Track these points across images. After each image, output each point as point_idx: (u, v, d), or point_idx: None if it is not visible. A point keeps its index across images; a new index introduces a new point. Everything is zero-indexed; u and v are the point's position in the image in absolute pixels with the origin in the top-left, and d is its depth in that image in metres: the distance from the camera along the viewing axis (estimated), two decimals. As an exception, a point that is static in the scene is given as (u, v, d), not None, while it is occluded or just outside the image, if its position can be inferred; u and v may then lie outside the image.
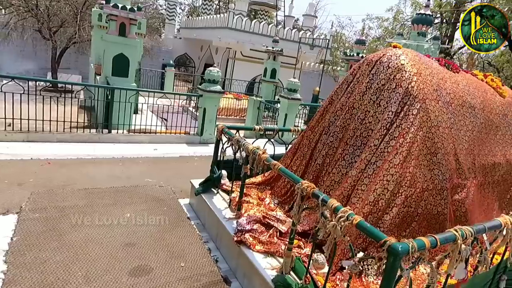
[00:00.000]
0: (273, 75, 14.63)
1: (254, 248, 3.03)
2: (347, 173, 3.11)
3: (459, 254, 2.13)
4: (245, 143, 3.39)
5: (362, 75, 3.30)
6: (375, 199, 2.77)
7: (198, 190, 4.08)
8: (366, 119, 3.10)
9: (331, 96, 3.58)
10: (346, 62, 11.97)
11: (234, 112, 11.56)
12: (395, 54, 3.11)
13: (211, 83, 7.04)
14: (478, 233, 2.25)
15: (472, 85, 3.68)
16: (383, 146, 2.88)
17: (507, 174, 4.28)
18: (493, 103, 3.91)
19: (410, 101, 2.89)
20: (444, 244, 2.03)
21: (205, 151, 6.91)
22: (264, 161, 3.03)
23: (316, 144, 3.54)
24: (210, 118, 7.21)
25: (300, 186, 2.48)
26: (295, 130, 4.79)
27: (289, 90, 8.10)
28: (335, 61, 22.83)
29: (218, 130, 3.98)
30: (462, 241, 2.10)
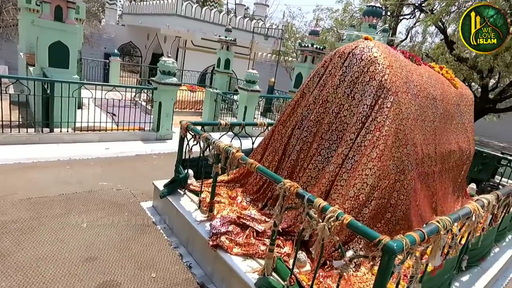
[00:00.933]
0: (227, 66, 14.32)
1: (232, 251, 2.86)
2: (323, 169, 3.05)
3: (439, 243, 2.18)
4: (215, 141, 3.17)
5: (334, 67, 3.24)
6: (356, 194, 2.75)
7: (163, 192, 3.78)
8: (341, 113, 3.05)
9: (302, 89, 3.48)
10: (301, 53, 12.06)
11: (189, 105, 11.12)
12: (367, 47, 3.09)
13: (166, 75, 6.61)
14: (455, 221, 2.32)
15: (432, 77, 3.82)
16: (359, 140, 2.86)
17: (459, 160, 4.58)
18: (449, 94, 4.12)
19: (384, 94, 2.89)
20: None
21: (164, 148, 6.51)
22: (238, 160, 2.85)
23: (289, 139, 3.44)
24: (166, 113, 6.80)
25: (283, 186, 2.36)
26: (261, 124, 4.65)
27: (248, 81, 7.93)
28: (286, 51, 23.03)
29: (183, 127, 3.71)
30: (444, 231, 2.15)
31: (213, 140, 3.19)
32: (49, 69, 6.23)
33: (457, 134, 4.40)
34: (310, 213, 2.22)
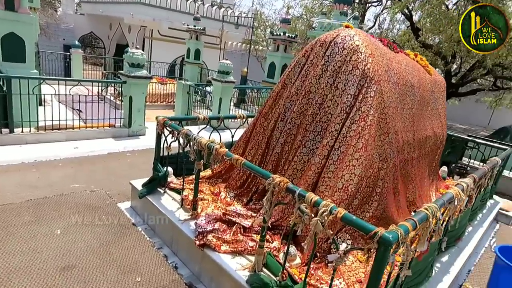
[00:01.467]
0: (197, 56, 13.97)
1: (220, 249, 2.78)
2: (309, 160, 3.02)
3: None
4: (196, 137, 3.04)
5: (316, 57, 3.18)
6: (344, 186, 2.74)
7: (142, 192, 3.61)
8: (324, 103, 3.01)
9: (284, 80, 3.41)
10: (273, 42, 11.94)
11: (160, 98, 10.75)
12: (349, 35, 3.05)
13: (136, 68, 6.29)
14: (441, 207, 2.37)
15: (409, 64, 3.87)
16: (345, 131, 2.84)
17: (434, 145, 4.73)
18: (424, 81, 4.21)
19: (367, 83, 2.88)
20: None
21: (137, 144, 6.25)
22: (223, 156, 2.75)
23: (272, 132, 3.37)
24: (138, 107, 6.50)
25: (272, 181, 2.29)
26: (240, 116, 4.55)
27: (222, 72, 7.74)
28: (257, 40, 22.81)
29: (159, 123, 3.53)
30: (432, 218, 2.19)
31: (194, 136, 3.06)
32: (4, 64, 5.72)
33: (432, 120, 4.53)
34: (302, 207, 2.17)
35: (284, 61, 11.91)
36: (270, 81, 12.00)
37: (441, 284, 2.84)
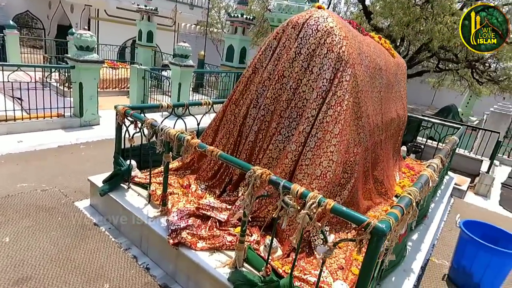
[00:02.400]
0: (149, 39, 13.18)
1: (196, 247, 2.62)
2: (285, 148, 2.91)
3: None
4: (164, 127, 2.79)
5: (288, 39, 3.03)
6: (323, 173, 2.67)
7: (103, 189, 3.29)
8: (299, 88, 2.90)
9: (254, 64, 3.23)
10: (231, 24, 11.56)
11: (112, 83, 10.01)
12: (322, 16, 2.93)
13: (85, 51, 5.70)
14: (420, 190, 2.39)
15: (377, 47, 3.87)
16: (321, 116, 2.76)
17: (397, 127, 4.87)
18: (389, 63, 4.25)
19: (343, 66, 2.80)
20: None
21: (92, 135, 5.74)
22: (195, 147, 2.54)
23: (245, 119, 3.20)
24: (90, 95, 5.94)
25: (253, 174, 2.15)
26: (206, 103, 4.30)
27: (180, 56, 7.31)
28: (211, 22, 22.05)
29: (120, 113, 3.20)
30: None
31: (161, 126, 2.80)
32: None
33: (396, 102, 4.63)
34: (286, 200, 2.06)
35: (242, 44, 11.62)
36: (229, 65, 11.69)
37: (415, 262, 2.94)
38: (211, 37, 22.89)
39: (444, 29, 13.12)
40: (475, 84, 15.93)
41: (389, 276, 2.61)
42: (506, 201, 6.28)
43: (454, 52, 15.07)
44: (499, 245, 3.05)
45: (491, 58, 15.40)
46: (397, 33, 13.34)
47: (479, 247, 2.96)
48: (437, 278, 3.34)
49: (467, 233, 3.10)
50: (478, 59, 15.93)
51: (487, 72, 15.79)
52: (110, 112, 7.51)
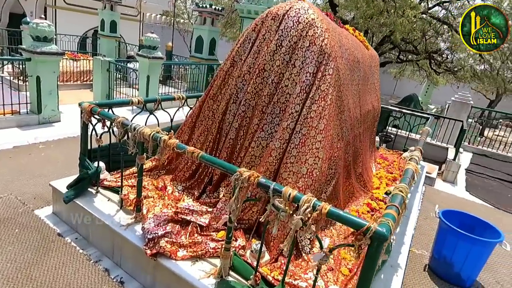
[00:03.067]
0: (113, 29, 12.46)
1: (177, 256, 2.42)
2: (268, 146, 2.76)
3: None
4: (137, 126, 2.54)
5: (268, 31, 2.86)
6: (309, 171, 2.56)
7: (68, 196, 2.98)
8: (281, 83, 2.75)
9: (232, 57, 3.03)
10: (199, 15, 11.15)
11: (73, 76, 9.35)
12: (303, 8, 2.78)
13: (42, 42, 5.19)
14: (409, 185, 2.35)
15: (353, 40, 3.80)
16: (305, 112, 2.63)
17: (373, 118, 4.88)
18: (365, 55, 4.21)
19: (325, 60, 2.68)
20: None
21: (52, 134, 5.28)
22: (173, 148, 2.33)
23: (224, 116, 3.01)
24: (49, 89, 5.45)
25: (240, 177, 1.99)
26: (179, 97, 4.05)
27: (148, 47, 6.91)
28: (177, 13, 21.31)
29: (85, 111, 2.90)
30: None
31: (134, 125, 2.55)
32: None
33: (371, 94, 4.62)
34: (276, 204, 1.92)
35: (212, 35, 11.29)
36: (199, 56, 11.33)
37: (400, 256, 2.93)
38: (178, 28, 22.16)
39: (405, 22, 13.53)
40: (433, 74, 16.65)
41: (378, 274, 2.57)
42: (471, 186, 6.57)
43: (414, 44, 15.65)
44: (475, 232, 3.12)
45: (447, 49, 16.19)
46: (361, 26, 13.57)
47: (460, 237, 3.00)
48: (419, 269, 3.38)
49: (447, 223, 3.14)
50: (436, 50, 16.66)
51: (444, 63, 16.55)
52: (72, 107, 6.99)
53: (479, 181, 6.99)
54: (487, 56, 15.55)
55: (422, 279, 3.22)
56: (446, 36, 16.16)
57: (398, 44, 14.87)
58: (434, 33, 16.59)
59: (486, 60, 15.83)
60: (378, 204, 3.79)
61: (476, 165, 8.08)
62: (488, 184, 6.92)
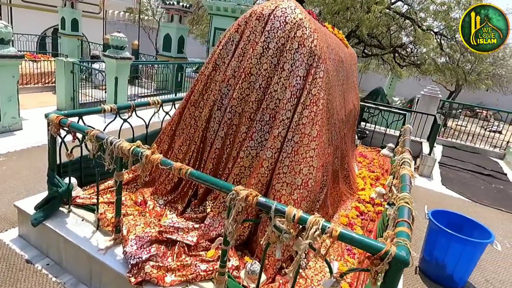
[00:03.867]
0: (75, 27, 11.74)
1: (164, 282, 2.20)
2: (258, 155, 2.59)
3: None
4: (114, 140, 2.28)
5: (253, 32, 2.67)
6: (304, 181, 2.42)
7: (37, 218, 2.66)
8: (270, 87, 2.58)
9: (215, 60, 2.82)
10: (167, 12, 10.71)
11: (33, 78, 8.67)
12: (289, 7, 2.62)
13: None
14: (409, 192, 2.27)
15: (335, 38, 3.71)
16: (297, 118, 2.48)
17: (354, 117, 4.84)
18: (346, 54, 4.14)
19: (316, 62, 2.54)
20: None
21: (14, 144, 4.80)
22: (158, 164, 2.10)
23: (208, 123, 2.80)
24: (8, 96, 4.94)
25: (236, 196, 1.81)
26: (155, 102, 3.78)
27: (115, 47, 6.48)
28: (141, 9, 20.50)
29: (53, 123, 2.59)
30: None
31: (110, 139, 2.29)
32: None
33: (351, 93, 4.57)
34: (278, 225, 1.77)
35: (180, 33, 10.92)
36: (167, 55, 10.93)
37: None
38: (142, 25, 21.35)
39: (372, 17, 13.83)
40: (397, 68, 17.22)
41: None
42: (446, 180, 6.75)
43: (379, 39, 16.12)
44: (464, 232, 3.13)
45: (411, 43, 16.82)
46: (329, 21, 13.71)
47: (452, 239, 3.00)
48: (410, 271, 3.35)
49: (438, 225, 3.12)
50: (401, 45, 17.23)
51: (409, 56, 17.17)
52: (35, 112, 6.47)
53: (453, 174, 7.20)
54: (447, 49, 16.29)
55: (415, 283, 3.20)
56: (409, 31, 16.72)
57: (364, 39, 15.19)
58: (398, 28, 17.10)
59: (447, 53, 16.57)
60: (366, 207, 3.74)
61: (448, 158, 8.34)
62: (461, 176, 7.15)
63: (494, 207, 5.75)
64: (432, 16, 15.22)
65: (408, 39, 17.02)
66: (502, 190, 6.92)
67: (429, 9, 15.32)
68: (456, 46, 16.26)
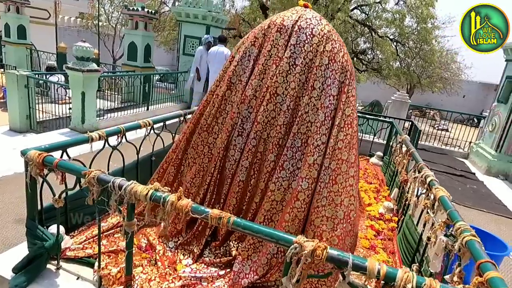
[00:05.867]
0: (21, 35, 10.61)
1: None
2: (290, 187, 2.27)
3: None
4: (123, 183, 1.84)
5: (275, 46, 2.36)
6: (346, 214, 2.14)
7: (18, 285, 2.10)
8: (301, 109, 2.28)
9: (229, 78, 2.46)
10: (130, 18, 10.01)
11: (-24, 95, 7.60)
12: (314, 17, 2.34)
13: None
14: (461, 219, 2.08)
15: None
16: (333, 142, 2.21)
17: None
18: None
19: (348, 79, 2.29)
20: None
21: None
22: (188, 212, 1.70)
23: (227, 152, 2.42)
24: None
25: (300, 250, 1.48)
26: (146, 124, 3.31)
27: (80, 58, 5.80)
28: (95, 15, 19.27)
29: (35, 163, 2.07)
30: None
31: (120, 183, 1.84)
32: None
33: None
34: (354, 281, 1.47)
35: (146, 41, 10.28)
36: (133, 64, 10.23)
37: None
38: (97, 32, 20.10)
39: (337, 23, 14.18)
40: (356, 73, 17.90)
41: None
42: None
43: (342, 45, 16.65)
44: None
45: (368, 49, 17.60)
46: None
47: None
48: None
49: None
50: (362, 51, 17.93)
51: (371, 63, 17.92)
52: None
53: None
54: (401, 55, 17.23)
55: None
56: (366, 37, 17.46)
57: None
58: (358, 35, 17.77)
59: (402, 59, 17.53)
60: (380, 225, 3.57)
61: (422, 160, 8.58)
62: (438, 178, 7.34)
63: (476, 208, 5.92)
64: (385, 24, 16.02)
65: (366, 45, 17.73)
66: (476, 190, 7.20)
67: (382, 17, 16.08)
68: (410, 52, 17.27)
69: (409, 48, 17.00)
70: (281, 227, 2.18)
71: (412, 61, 17.66)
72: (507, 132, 7.85)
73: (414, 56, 17.10)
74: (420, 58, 17.31)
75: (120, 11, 15.94)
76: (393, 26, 15.76)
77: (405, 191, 3.91)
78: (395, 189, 4.23)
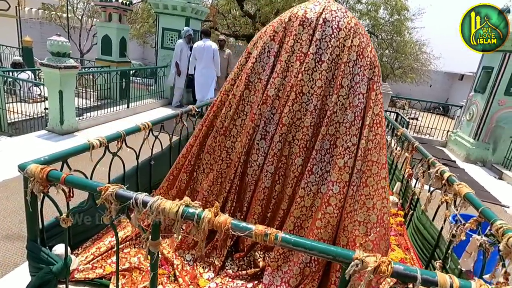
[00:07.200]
0: (-20, 28, 9.69)
1: None
2: (319, 192, 2.14)
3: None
4: (150, 201, 1.63)
5: (297, 41, 2.19)
6: (379, 217, 2.04)
7: (24, 316, 1.85)
8: (328, 109, 2.14)
9: (247, 77, 2.27)
10: (103, 10, 9.40)
11: None
12: (339, 9, 2.20)
13: None
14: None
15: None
16: (364, 143, 2.09)
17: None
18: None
19: (376, 76, 2.18)
20: None
21: None
22: (227, 229, 1.53)
23: (248, 156, 2.25)
24: None
25: (362, 267, 1.36)
26: (145, 127, 3.05)
27: (55, 54, 5.32)
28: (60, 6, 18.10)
29: (39, 179, 1.80)
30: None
31: (144, 199, 1.63)
32: None
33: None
34: (420, 296, 1.37)
35: (121, 34, 9.74)
36: (108, 59, 9.67)
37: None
38: (61, 24, 18.91)
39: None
40: None
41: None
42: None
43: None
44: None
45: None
46: (263, 18, 13.76)
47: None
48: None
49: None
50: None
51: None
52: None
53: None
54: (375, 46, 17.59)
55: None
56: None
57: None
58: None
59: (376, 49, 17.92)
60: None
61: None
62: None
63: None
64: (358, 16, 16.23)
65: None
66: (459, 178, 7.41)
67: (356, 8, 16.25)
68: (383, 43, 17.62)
69: (382, 39, 17.33)
70: (313, 234, 2.06)
71: (385, 51, 18.05)
72: (484, 121, 8.16)
73: (387, 46, 17.49)
74: (394, 50, 17.73)
75: (91, 1, 15.06)
76: (366, 18, 15.97)
77: (410, 186, 3.91)
78: (397, 183, 4.23)
